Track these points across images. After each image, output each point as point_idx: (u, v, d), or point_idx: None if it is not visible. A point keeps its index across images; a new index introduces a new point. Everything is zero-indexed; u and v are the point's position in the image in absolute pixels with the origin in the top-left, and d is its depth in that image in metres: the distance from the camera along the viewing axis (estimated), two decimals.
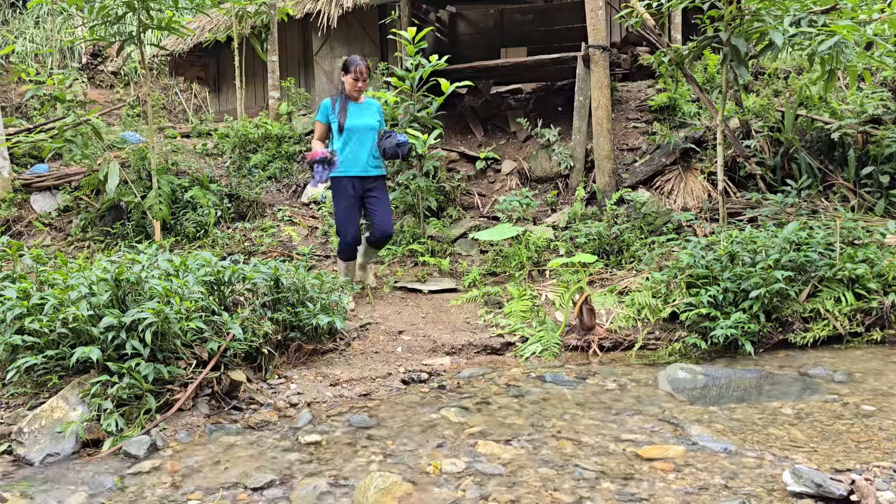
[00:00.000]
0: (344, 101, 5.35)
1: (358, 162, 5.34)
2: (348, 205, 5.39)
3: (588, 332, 4.98)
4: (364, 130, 5.34)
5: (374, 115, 5.43)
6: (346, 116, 5.29)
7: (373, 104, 5.50)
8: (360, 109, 5.40)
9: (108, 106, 11.24)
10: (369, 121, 5.37)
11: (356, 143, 5.32)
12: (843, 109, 7.25)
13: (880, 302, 4.79)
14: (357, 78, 5.25)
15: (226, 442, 3.43)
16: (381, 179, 5.51)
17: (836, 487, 2.55)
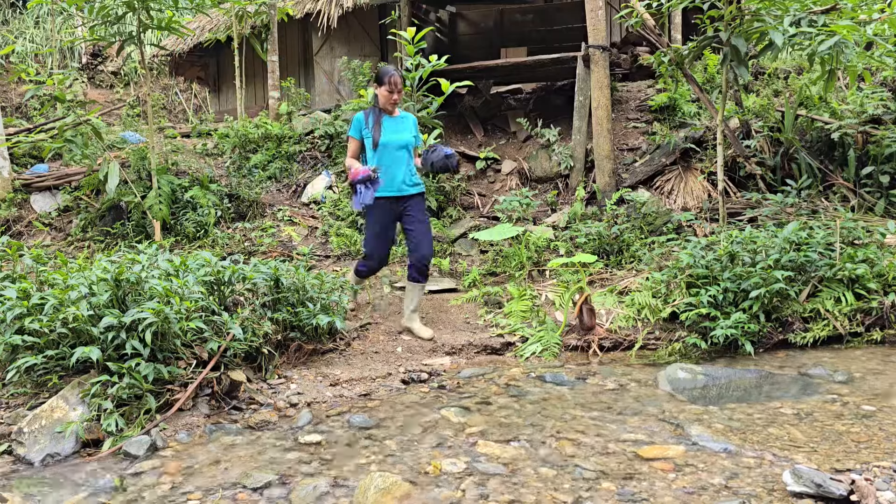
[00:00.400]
0: (378, 114, 4.88)
1: (394, 181, 4.86)
2: (382, 228, 4.93)
3: (588, 332, 4.98)
4: (400, 147, 4.89)
5: (409, 129, 4.99)
6: (381, 132, 4.83)
7: (408, 118, 5.06)
8: (396, 124, 4.92)
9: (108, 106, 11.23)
10: (405, 136, 4.92)
11: (391, 161, 4.85)
12: (843, 109, 7.25)
13: (880, 302, 4.79)
14: (392, 90, 4.77)
15: (226, 442, 3.43)
16: (418, 197, 4.99)
17: (836, 487, 2.55)
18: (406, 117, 5.03)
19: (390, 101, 4.82)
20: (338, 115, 9.32)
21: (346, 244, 7.26)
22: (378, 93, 4.83)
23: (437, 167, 4.92)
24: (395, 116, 4.94)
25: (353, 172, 4.67)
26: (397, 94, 4.80)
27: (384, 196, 4.79)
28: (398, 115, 4.98)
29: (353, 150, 4.97)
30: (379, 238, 4.94)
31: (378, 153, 4.84)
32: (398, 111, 5.01)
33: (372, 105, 4.96)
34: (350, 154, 4.97)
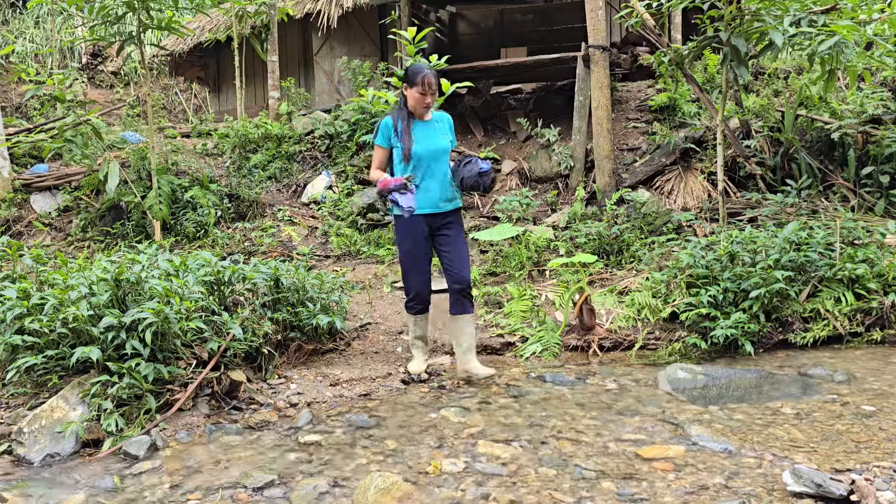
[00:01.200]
0: (407, 119, 4.17)
1: (429, 197, 4.16)
2: (414, 246, 4.21)
3: (588, 332, 4.98)
4: (435, 156, 4.18)
5: (445, 133, 4.28)
6: (413, 140, 4.14)
7: (442, 119, 4.33)
8: (428, 129, 4.21)
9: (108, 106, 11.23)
10: (440, 142, 4.21)
11: (427, 173, 4.17)
12: (843, 109, 7.25)
13: (880, 302, 4.79)
14: (425, 91, 4.07)
15: (226, 442, 3.43)
16: (455, 214, 4.31)
17: (836, 487, 2.55)
18: (440, 119, 4.31)
19: (423, 104, 4.12)
20: (338, 115, 9.32)
21: (346, 244, 7.26)
22: (408, 94, 4.14)
23: (468, 184, 4.17)
24: (426, 120, 4.24)
25: (384, 182, 4.04)
26: (430, 96, 4.11)
27: (418, 214, 4.15)
28: (430, 118, 4.27)
29: (378, 160, 4.26)
30: (414, 257, 4.24)
31: (411, 166, 4.16)
32: (430, 114, 4.29)
33: (399, 107, 4.25)
34: (375, 165, 4.27)
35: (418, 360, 4.47)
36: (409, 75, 4.12)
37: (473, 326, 4.32)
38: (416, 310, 4.38)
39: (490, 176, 4.20)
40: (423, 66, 4.14)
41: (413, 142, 4.13)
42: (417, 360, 4.46)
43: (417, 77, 4.06)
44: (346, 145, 8.76)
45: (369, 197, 7.88)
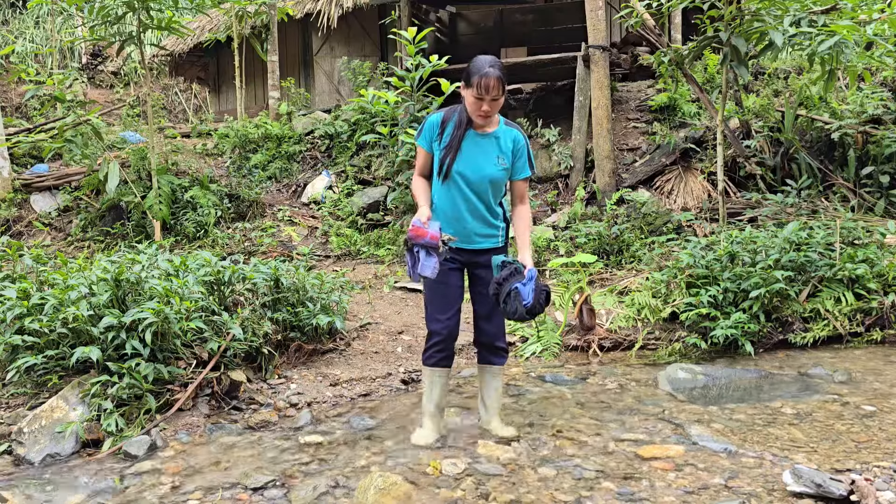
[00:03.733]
0: (462, 125, 3.23)
1: (462, 226, 3.29)
2: (442, 279, 3.23)
3: (588, 332, 4.98)
4: (479, 182, 3.25)
5: (500, 155, 3.27)
6: (457, 154, 3.22)
7: (509, 136, 3.29)
8: (482, 145, 3.25)
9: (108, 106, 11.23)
10: (487, 167, 3.24)
11: (462, 199, 3.27)
12: (843, 109, 7.25)
13: (880, 302, 4.79)
14: (481, 96, 3.07)
15: (226, 442, 3.43)
16: (493, 252, 3.34)
17: (836, 487, 2.55)
18: (505, 136, 3.28)
19: (477, 111, 3.13)
20: (338, 115, 9.33)
21: (346, 244, 7.26)
22: (465, 97, 3.17)
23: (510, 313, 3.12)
24: (485, 133, 3.25)
25: (416, 230, 3.07)
26: (489, 103, 3.10)
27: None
28: (491, 130, 3.26)
29: (421, 164, 3.36)
30: (440, 291, 3.30)
31: (445, 186, 3.28)
32: (491, 126, 3.27)
33: (459, 109, 3.29)
34: (418, 171, 3.38)
35: (428, 429, 3.38)
36: (467, 73, 3.11)
37: (501, 380, 3.51)
38: (437, 359, 3.36)
39: (546, 293, 3.15)
40: (488, 60, 3.09)
41: (457, 158, 3.22)
42: (427, 430, 3.38)
43: (474, 77, 3.06)
44: (346, 145, 8.76)
45: (369, 197, 7.88)
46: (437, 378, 3.38)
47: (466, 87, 3.12)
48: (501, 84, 3.08)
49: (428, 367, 3.39)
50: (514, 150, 3.28)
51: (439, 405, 3.42)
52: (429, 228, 3.08)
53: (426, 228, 3.08)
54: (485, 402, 3.50)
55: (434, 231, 3.08)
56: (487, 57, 3.13)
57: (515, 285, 3.08)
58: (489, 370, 3.46)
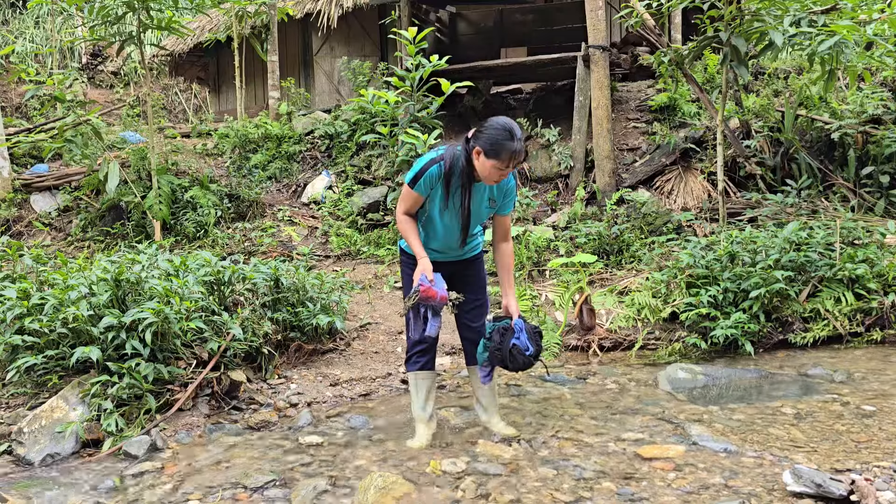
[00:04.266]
0: (468, 186, 3.15)
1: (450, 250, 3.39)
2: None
3: (588, 332, 4.98)
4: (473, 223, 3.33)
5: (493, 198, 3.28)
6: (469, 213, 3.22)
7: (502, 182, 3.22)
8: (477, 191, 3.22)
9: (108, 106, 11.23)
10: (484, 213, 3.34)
11: (453, 234, 3.32)
12: (843, 109, 7.25)
13: (880, 302, 4.79)
14: (506, 167, 3.03)
15: (226, 442, 3.43)
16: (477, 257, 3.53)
17: (836, 487, 2.55)
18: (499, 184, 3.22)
19: (496, 177, 3.07)
20: (338, 115, 9.32)
21: (346, 244, 7.26)
22: (478, 161, 3.05)
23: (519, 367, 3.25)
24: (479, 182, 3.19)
25: (427, 290, 3.07)
26: (509, 168, 3.06)
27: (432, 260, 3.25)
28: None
29: (411, 205, 3.25)
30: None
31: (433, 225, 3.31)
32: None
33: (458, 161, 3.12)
34: (406, 209, 3.26)
35: (421, 434, 3.36)
36: (495, 146, 2.96)
37: (495, 379, 3.54)
38: (422, 363, 3.41)
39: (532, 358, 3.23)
40: (512, 131, 2.97)
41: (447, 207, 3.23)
42: (420, 435, 3.36)
43: (503, 153, 2.96)
44: (346, 145, 8.76)
45: (369, 197, 7.88)
46: (421, 382, 3.42)
47: (488, 158, 2.99)
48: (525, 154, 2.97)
49: (413, 371, 3.42)
50: (504, 190, 3.28)
51: (428, 409, 3.42)
52: (437, 288, 3.11)
53: (436, 289, 3.10)
54: (482, 402, 3.51)
55: (443, 292, 3.13)
56: (507, 124, 3.00)
57: (511, 342, 3.21)
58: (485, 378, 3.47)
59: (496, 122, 3.03)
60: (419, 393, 3.41)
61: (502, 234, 3.41)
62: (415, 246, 3.22)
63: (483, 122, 3.07)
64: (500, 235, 3.41)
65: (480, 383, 3.47)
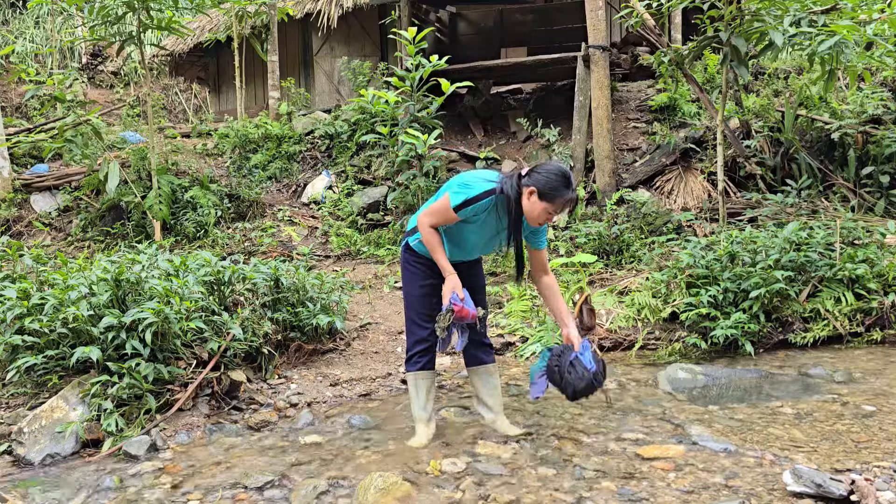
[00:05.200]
0: (515, 219, 3.11)
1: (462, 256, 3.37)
2: (433, 290, 3.30)
3: (588, 332, 4.98)
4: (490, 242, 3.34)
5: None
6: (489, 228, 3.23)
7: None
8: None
9: (108, 106, 11.23)
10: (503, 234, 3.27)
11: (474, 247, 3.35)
12: (843, 109, 7.25)
13: (880, 302, 4.78)
14: (556, 212, 3.12)
15: (226, 442, 3.43)
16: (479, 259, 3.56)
17: (836, 487, 2.55)
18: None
19: (540, 219, 3.09)
20: (338, 115, 9.33)
21: (346, 244, 7.26)
22: (529, 201, 3.05)
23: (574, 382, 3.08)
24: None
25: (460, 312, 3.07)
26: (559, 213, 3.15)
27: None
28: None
29: (444, 221, 3.17)
30: (426, 301, 3.32)
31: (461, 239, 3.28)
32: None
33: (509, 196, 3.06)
34: (435, 222, 3.17)
35: (421, 434, 3.36)
36: (549, 188, 3.01)
37: (498, 378, 3.51)
38: (423, 363, 3.38)
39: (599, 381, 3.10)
40: (568, 177, 3.05)
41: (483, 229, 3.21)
42: (420, 435, 3.36)
43: (559, 198, 3.04)
44: (346, 145, 8.76)
45: (369, 197, 7.89)
46: (422, 382, 3.39)
47: (541, 200, 3.01)
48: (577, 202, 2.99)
49: (413, 372, 3.39)
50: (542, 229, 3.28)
51: (428, 409, 3.41)
52: (468, 307, 3.10)
53: (467, 308, 3.09)
54: (486, 402, 3.48)
55: (473, 310, 3.12)
56: (566, 172, 3.06)
57: (574, 355, 3.09)
58: (485, 370, 3.46)
59: (555, 167, 3.04)
60: (419, 393, 3.40)
61: (541, 267, 3.35)
62: (442, 262, 3.18)
63: (540, 164, 3.07)
64: (540, 269, 3.35)
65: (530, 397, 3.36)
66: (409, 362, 3.42)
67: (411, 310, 3.38)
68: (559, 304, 3.31)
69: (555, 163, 3.09)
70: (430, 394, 3.43)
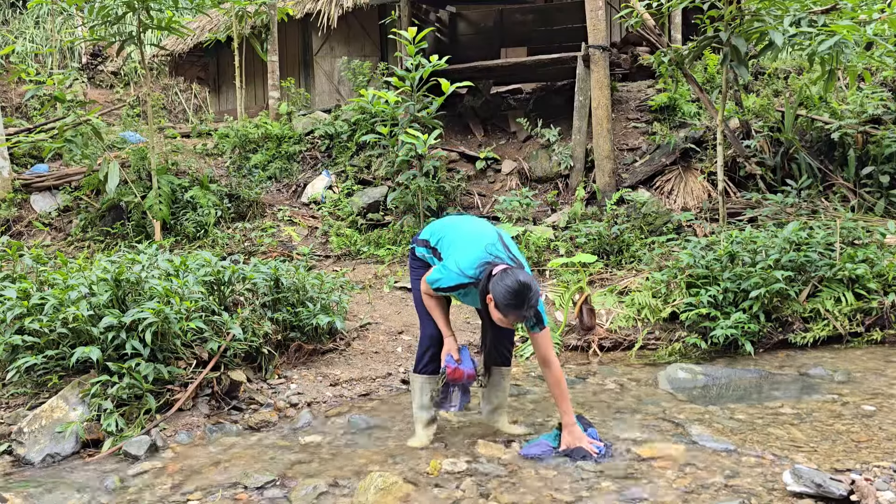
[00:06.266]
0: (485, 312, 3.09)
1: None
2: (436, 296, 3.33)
3: (588, 332, 4.98)
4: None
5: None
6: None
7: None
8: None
9: (108, 106, 11.23)
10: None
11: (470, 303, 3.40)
12: (843, 109, 7.25)
13: (880, 302, 4.78)
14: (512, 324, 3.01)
15: (226, 442, 3.43)
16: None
17: (836, 487, 2.55)
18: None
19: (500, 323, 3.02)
20: (338, 115, 9.32)
21: (346, 244, 7.25)
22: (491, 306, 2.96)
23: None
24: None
25: (453, 373, 3.17)
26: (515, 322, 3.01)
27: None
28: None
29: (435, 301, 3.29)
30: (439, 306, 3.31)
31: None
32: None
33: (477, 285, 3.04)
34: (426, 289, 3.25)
35: (421, 434, 3.38)
36: (503, 303, 2.89)
37: (509, 380, 3.54)
38: (433, 366, 3.34)
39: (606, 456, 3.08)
40: (523, 298, 2.88)
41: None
42: (420, 435, 3.37)
43: (510, 315, 2.91)
44: (346, 145, 8.76)
45: (369, 197, 7.88)
46: (427, 385, 3.38)
47: (497, 310, 2.92)
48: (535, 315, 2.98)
49: (423, 374, 3.37)
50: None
51: (430, 410, 3.39)
52: (464, 367, 3.16)
53: (462, 368, 3.16)
54: (492, 401, 3.50)
55: (470, 370, 3.18)
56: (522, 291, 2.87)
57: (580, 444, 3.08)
58: (499, 371, 3.46)
59: (513, 285, 2.88)
60: (423, 396, 3.38)
61: (540, 356, 3.19)
62: (441, 325, 3.27)
63: (506, 273, 2.93)
64: (539, 358, 3.20)
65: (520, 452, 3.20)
66: (421, 364, 3.38)
67: (421, 313, 3.39)
68: (563, 399, 3.15)
69: (519, 277, 2.90)
70: (429, 394, 3.41)
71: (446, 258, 3.17)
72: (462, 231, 3.28)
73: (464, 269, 3.06)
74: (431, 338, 3.34)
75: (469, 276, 3.04)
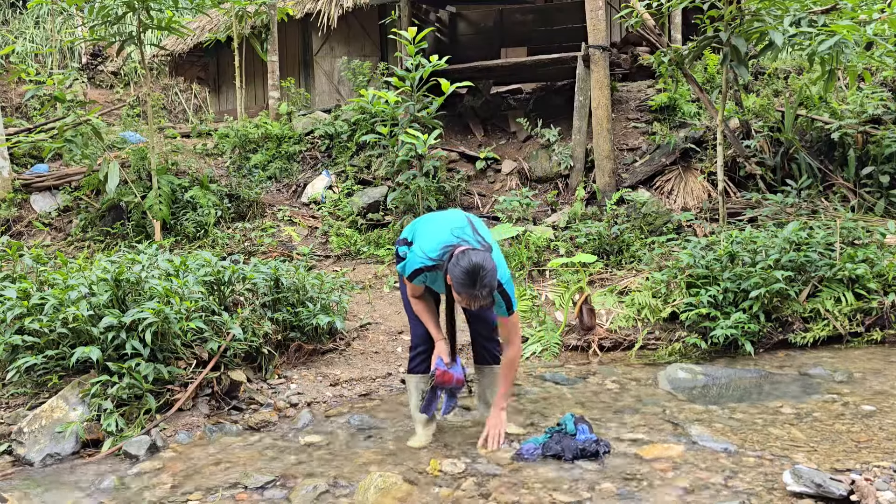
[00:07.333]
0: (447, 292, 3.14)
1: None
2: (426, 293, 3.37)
3: (588, 332, 4.98)
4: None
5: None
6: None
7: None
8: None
9: (108, 106, 11.23)
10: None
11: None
12: (843, 109, 7.25)
13: (880, 302, 4.78)
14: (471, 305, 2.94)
15: (226, 442, 3.43)
16: None
17: (836, 487, 2.55)
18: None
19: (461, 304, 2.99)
20: (338, 115, 9.32)
21: (346, 244, 7.25)
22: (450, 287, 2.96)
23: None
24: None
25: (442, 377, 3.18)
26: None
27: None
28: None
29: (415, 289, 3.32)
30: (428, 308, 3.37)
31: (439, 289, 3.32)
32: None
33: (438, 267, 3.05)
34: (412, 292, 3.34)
35: (421, 434, 3.39)
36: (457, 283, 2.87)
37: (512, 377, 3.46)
38: (425, 366, 3.39)
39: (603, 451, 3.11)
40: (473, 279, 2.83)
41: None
42: (420, 435, 3.39)
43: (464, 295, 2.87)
44: (346, 145, 8.76)
45: (369, 197, 7.88)
46: (422, 383, 3.39)
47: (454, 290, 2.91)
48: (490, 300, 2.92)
49: (416, 374, 3.42)
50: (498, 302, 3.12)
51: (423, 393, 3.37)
52: (453, 371, 3.20)
53: (451, 371, 3.19)
54: (488, 400, 3.50)
55: (459, 374, 3.21)
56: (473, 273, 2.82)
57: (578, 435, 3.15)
58: (490, 370, 3.51)
59: (467, 266, 2.83)
60: (417, 394, 3.41)
61: (503, 335, 3.26)
62: (431, 328, 3.29)
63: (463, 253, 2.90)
64: (503, 336, 3.26)
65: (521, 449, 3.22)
66: (412, 364, 3.46)
67: (411, 308, 3.42)
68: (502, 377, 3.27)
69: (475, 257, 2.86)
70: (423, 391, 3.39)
71: (415, 246, 3.20)
72: (433, 221, 3.32)
73: (427, 251, 3.07)
74: (420, 336, 3.39)
75: (432, 259, 3.04)
